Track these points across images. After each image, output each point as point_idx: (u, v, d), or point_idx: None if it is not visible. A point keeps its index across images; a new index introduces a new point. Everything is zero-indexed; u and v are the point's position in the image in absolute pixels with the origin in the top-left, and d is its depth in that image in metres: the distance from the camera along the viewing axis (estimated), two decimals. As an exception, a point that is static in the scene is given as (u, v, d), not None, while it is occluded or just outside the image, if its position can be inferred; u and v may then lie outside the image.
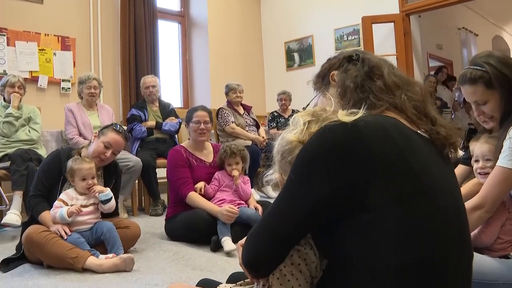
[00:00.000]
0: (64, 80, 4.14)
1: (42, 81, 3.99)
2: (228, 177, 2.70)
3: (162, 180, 3.56)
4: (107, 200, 2.19)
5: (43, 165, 2.29)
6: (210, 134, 2.92)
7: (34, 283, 1.80)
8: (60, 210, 2.06)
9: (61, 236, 2.03)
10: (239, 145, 2.82)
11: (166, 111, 3.99)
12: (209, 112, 2.81)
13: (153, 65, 4.70)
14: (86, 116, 3.52)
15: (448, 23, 7.23)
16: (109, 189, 2.23)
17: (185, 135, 3.61)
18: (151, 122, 3.85)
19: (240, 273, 1.13)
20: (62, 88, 4.14)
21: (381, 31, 4.71)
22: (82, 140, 3.32)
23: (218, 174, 2.72)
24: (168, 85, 5.36)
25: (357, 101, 0.89)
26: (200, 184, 2.62)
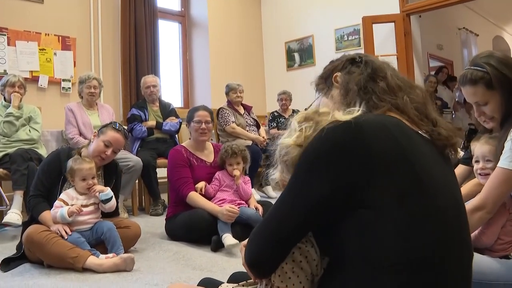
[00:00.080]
0: (65, 80, 4.14)
1: (43, 81, 3.99)
2: (229, 177, 2.70)
3: (163, 180, 3.56)
4: (108, 200, 2.19)
5: (43, 165, 2.29)
6: (211, 134, 2.91)
7: (35, 283, 1.80)
8: (61, 210, 2.06)
9: (62, 236, 2.03)
10: (240, 145, 2.82)
11: (167, 111, 3.99)
12: (210, 112, 2.81)
13: (154, 65, 4.70)
14: (87, 116, 3.52)
15: (449, 23, 7.22)
16: (109, 189, 2.23)
17: (186, 135, 3.61)
18: (152, 122, 3.85)
19: (242, 273, 1.14)
20: (63, 88, 4.14)
21: (382, 31, 4.70)
22: (83, 140, 3.32)
23: (219, 174, 2.72)
24: (169, 85, 5.36)
25: (360, 102, 0.90)
26: (201, 184, 2.62)
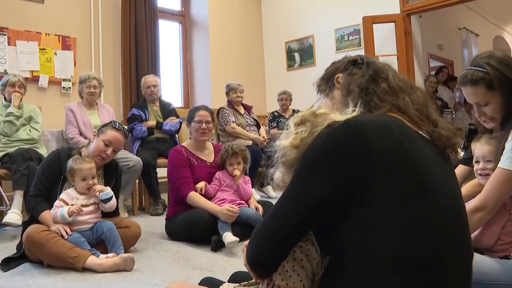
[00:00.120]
0: (65, 80, 4.14)
1: (43, 81, 3.99)
2: (229, 177, 2.70)
3: (163, 180, 3.56)
4: (108, 199, 2.19)
5: (43, 165, 2.29)
6: (212, 134, 2.91)
7: (35, 282, 1.79)
8: (61, 210, 2.06)
9: (62, 236, 2.03)
10: (241, 145, 2.82)
11: (167, 111, 3.99)
12: (211, 112, 2.80)
13: (154, 65, 4.70)
14: (87, 116, 3.52)
15: (449, 23, 7.22)
16: (109, 188, 2.22)
17: (186, 135, 3.61)
18: (152, 122, 3.85)
19: (243, 273, 1.15)
20: (63, 88, 4.14)
21: (382, 31, 4.70)
22: (83, 140, 3.32)
23: (219, 174, 2.72)
24: (169, 85, 5.36)
25: (360, 103, 0.90)
26: (201, 184, 2.62)
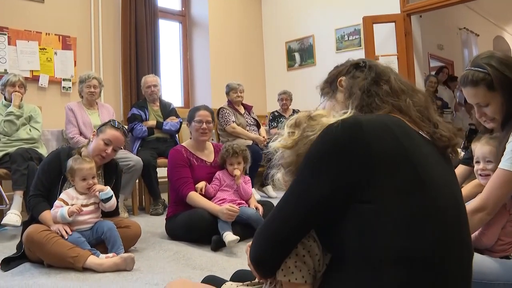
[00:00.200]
0: (65, 80, 4.14)
1: (43, 80, 3.99)
2: (229, 177, 2.70)
3: (163, 180, 3.56)
4: (108, 199, 2.19)
5: (43, 165, 2.29)
6: (212, 134, 2.91)
7: (35, 282, 1.79)
8: (61, 210, 2.05)
9: (62, 236, 2.03)
10: (241, 145, 2.82)
11: (167, 111, 3.99)
12: (211, 112, 2.80)
13: (154, 65, 4.70)
14: (87, 115, 3.52)
15: (449, 23, 7.22)
16: (109, 188, 2.22)
17: (186, 135, 3.61)
18: (152, 122, 3.85)
19: (245, 271, 1.16)
20: (63, 88, 4.14)
21: (382, 31, 4.70)
22: (83, 139, 3.32)
23: (219, 174, 2.72)
24: (169, 85, 5.36)
25: (363, 105, 0.91)
26: (201, 184, 2.62)
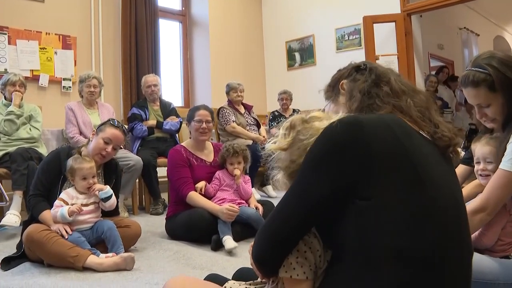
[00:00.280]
0: (65, 79, 4.14)
1: (43, 80, 3.99)
2: (229, 177, 2.70)
3: (163, 179, 3.56)
4: (107, 198, 2.19)
5: (43, 164, 2.29)
6: (211, 134, 2.91)
7: (35, 282, 1.79)
8: (61, 209, 2.05)
9: (62, 235, 2.03)
10: (241, 145, 2.82)
11: (167, 110, 3.99)
12: (211, 112, 2.80)
13: (154, 64, 4.70)
14: (87, 115, 3.52)
15: (449, 23, 7.22)
16: (109, 187, 2.22)
17: (186, 134, 3.61)
18: (152, 121, 3.85)
19: (247, 269, 1.17)
20: (63, 87, 4.14)
21: (382, 31, 4.70)
22: (83, 139, 3.32)
23: (219, 174, 2.72)
24: (169, 84, 5.36)
25: (363, 107, 0.92)
26: (201, 184, 2.62)
